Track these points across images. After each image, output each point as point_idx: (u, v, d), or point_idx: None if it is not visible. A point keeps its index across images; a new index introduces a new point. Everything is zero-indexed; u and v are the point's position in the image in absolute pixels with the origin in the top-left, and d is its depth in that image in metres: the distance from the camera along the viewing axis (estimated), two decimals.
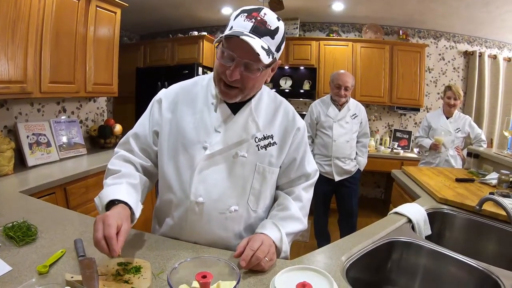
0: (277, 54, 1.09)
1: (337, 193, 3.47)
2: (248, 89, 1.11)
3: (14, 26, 2.16)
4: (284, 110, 1.28)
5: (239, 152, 1.18)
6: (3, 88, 2.15)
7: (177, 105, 1.24)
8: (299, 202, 1.29)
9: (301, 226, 1.27)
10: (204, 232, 1.21)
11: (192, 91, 1.26)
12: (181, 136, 1.20)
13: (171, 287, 0.76)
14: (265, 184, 1.24)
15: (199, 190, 1.17)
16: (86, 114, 3.46)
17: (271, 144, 1.23)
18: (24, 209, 1.60)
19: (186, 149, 1.19)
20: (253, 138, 1.19)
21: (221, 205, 1.18)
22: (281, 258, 1.16)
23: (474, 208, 1.70)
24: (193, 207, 1.17)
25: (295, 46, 5.11)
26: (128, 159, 1.26)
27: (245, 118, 1.19)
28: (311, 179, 1.34)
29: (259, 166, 1.21)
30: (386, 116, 5.36)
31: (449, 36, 5.08)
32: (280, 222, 1.19)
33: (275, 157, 1.24)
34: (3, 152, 2.25)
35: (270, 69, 1.16)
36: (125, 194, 1.09)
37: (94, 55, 3.00)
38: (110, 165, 1.24)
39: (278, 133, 1.24)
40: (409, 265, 1.46)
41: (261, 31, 1.02)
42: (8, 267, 1.01)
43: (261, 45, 1.00)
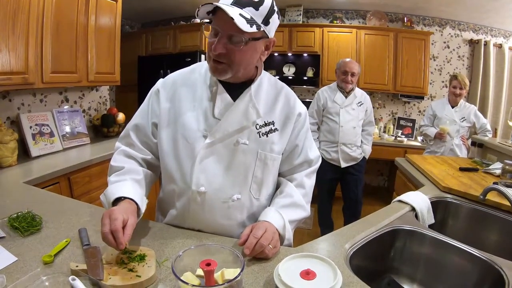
0: (265, 27, 1.05)
1: (342, 180, 3.50)
2: (236, 64, 1.07)
3: (14, 16, 2.14)
4: (285, 96, 1.26)
5: (240, 140, 1.16)
6: (5, 79, 2.14)
7: (175, 94, 1.23)
8: (302, 189, 1.28)
9: (304, 213, 1.27)
10: (207, 222, 1.21)
11: (190, 79, 1.24)
12: (180, 125, 1.19)
13: (176, 275, 0.76)
14: (267, 171, 1.23)
15: (200, 179, 1.16)
16: (89, 103, 3.46)
17: (272, 131, 1.21)
18: (29, 199, 1.60)
19: (186, 139, 1.17)
20: (254, 125, 1.18)
21: (223, 194, 1.18)
22: (284, 245, 1.16)
23: (478, 197, 1.70)
24: (195, 197, 1.17)
25: (298, 33, 5.05)
26: (129, 155, 1.26)
27: (245, 105, 1.17)
28: (314, 166, 1.34)
29: (260, 154, 1.19)
30: (390, 104, 5.33)
31: (454, 24, 5.01)
32: (282, 209, 1.19)
33: (276, 143, 1.22)
34: (7, 143, 2.26)
35: (264, 47, 1.12)
36: (130, 191, 1.10)
37: (96, 44, 2.99)
38: (112, 161, 1.24)
39: (279, 119, 1.23)
40: (412, 253, 1.46)
41: (243, 2, 1.00)
42: (14, 257, 1.02)
43: (240, 13, 0.97)
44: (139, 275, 0.89)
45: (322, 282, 0.85)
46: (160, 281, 0.92)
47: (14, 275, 0.92)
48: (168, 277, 0.93)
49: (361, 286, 0.95)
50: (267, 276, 0.96)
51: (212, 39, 1.05)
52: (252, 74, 1.20)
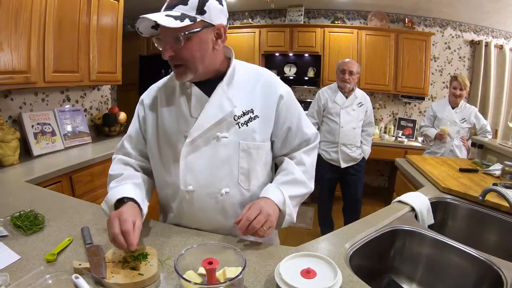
0: (202, 17, 1.06)
1: (342, 180, 3.51)
2: (190, 62, 1.10)
3: (17, 15, 2.15)
4: (263, 81, 1.25)
5: (220, 134, 1.17)
6: (7, 78, 2.15)
7: (157, 102, 1.26)
8: (302, 166, 1.29)
9: (306, 189, 1.27)
10: (202, 219, 1.23)
11: (170, 85, 1.27)
12: (163, 131, 1.22)
13: (178, 273, 0.77)
14: (253, 161, 1.22)
15: (187, 178, 1.18)
16: (90, 102, 3.47)
17: (252, 119, 1.20)
18: (31, 198, 1.61)
19: (169, 143, 1.21)
20: (231, 116, 1.18)
21: (211, 189, 1.19)
22: (285, 222, 1.19)
23: (477, 198, 1.70)
24: (185, 196, 1.19)
25: (299, 33, 5.04)
26: (126, 162, 1.30)
27: (219, 98, 1.17)
28: (312, 143, 1.34)
29: (242, 144, 1.19)
30: (391, 104, 5.33)
31: (455, 24, 5.01)
32: (283, 185, 1.21)
33: (258, 131, 1.21)
34: (8, 142, 2.27)
35: (214, 36, 1.12)
36: (132, 192, 1.13)
37: (98, 43, 3.00)
38: (111, 171, 1.27)
39: (260, 105, 1.22)
40: (411, 253, 1.47)
41: (172, 4, 1.06)
42: (17, 255, 1.02)
43: (167, 14, 1.02)
44: (142, 273, 0.90)
45: (322, 281, 0.85)
46: (163, 279, 0.93)
47: (17, 274, 0.92)
48: (171, 275, 0.94)
49: (360, 285, 0.95)
50: (268, 274, 0.97)
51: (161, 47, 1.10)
52: (223, 67, 1.21)
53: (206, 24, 1.07)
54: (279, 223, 1.19)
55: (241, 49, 5.21)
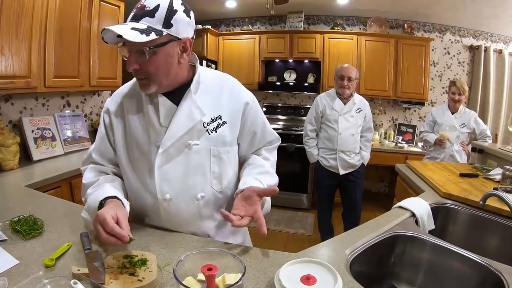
0: (168, 30, 1.04)
1: (341, 187, 3.49)
2: (154, 75, 1.08)
3: (18, 20, 2.17)
4: (229, 88, 1.27)
5: (191, 142, 1.17)
6: (8, 83, 2.16)
7: (123, 110, 1.25)
8: (268, 161, 1.37)
9: (275, 180, 1.33)
10: (181, 225, 1.25)
11: (136, 93, 1.25)
12: (134, 140, 1.21)
13: (177, 279, 0.77)
14: (223, 164, 1.24)
15: (163, 187, 1.18)
16: (91, 108, 3.48)
17: (221, 125, 1.22)
18: (30, 203, 1.61)
19: (142, 153, 1.20)
20: (201, 124, 1.18)
21: (188, 196, 1.20)
22: (265, 210, 1.23)
23: (478, 203, 1.70)
24: (162, 204, 1.20)
25: (299, 39, 5.07)
26: (99, 169, 1.29)
27: (188, 106, 1.17)
28: (274, 144, 1.45)
29: (213, 150, 1.21)
30: (391, 110, 5.34)
31: (455, 30, 5.04)
32: (259, 176, 1.26)
33: (228, 136, 1.24)
34: (9, 147, 2.27)
35: (179, 49, 1.10)
36: (111, 191, 1.13)
37: (98, 49, 3.01)
38: (84, 180, 1.24)
39: (227, 111, 1.23)
40: (412, 259, 1.46)
41: (139, 15, 1.03)
42: (15, 260, 1.02)
43: (133, 27, 0.99)
44: (141, 279, 0.89)
45: (322, 287, 0.85)
46: (161, 285, 0.93)
47: (16, 278, 0.92)
48: (170, 281, 0.93)
49: None
50: (268, 281, 0.96)
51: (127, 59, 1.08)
52: (188, 75, 1.21)
53: (172, 38, 1.06)
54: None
55: (241, 55, 5.23)
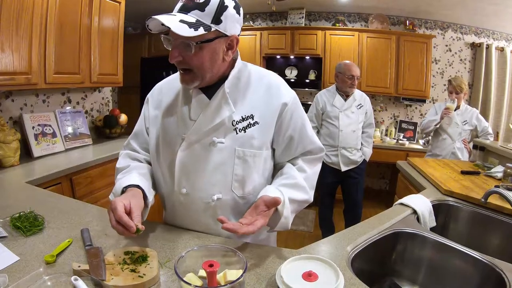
0: (217, 26, 1.01)
1: (343, 183, 3.48)
2: (197, 69, 1.06)
3: (18, 17, 2.16)
4: (266, 85, 1.20)
5: (216, 139, 1.14)
6: (8, 79, 2.16)
7: (161, 102, 1.26)
8: (303, 172, 1.23)
9: (306, 196, 1.22)
10: (193, 222, 1.24)
11: (175, 86, 1.24)
12: (164, 132, 1.22)
13: (178, 276, 0.76)
14: (249, 168, 1.18)
15: (182, 181, 1.18)
16: (91, 104, 3.47)
17: (251, 125, 1.16)
18: (31, 199, 1.61)
19: (168, 144, 1.20)
20: (230, 121, 1.14)
21: (204, 194, 1.17)
22: (280, 225, 1.13)
23: (479, 200, 1.70)
24: (179, 198, 1.20)
25: (300, 35, 5.05)
26: (133, 157, 1.32)
27: (218, 102, 1.13)
28: (315, 155, 1.28)
29: (238, 151, 1.15)
30: (392, 107, 5.33)
31: (456, 27, 5.01)
32: (283, 187, 1.15)
33: (257, 138, 1.16)
34: (9, 143, 2.27)
35: (225, 46, 1.08)
36: (135, 180, 1.14)
37: (99, 45, 3.00)
38: (118, 165, 1.29)
39: (260, 111, 1.17)
40: (413, 256, 1.46)
41: (188, 7, 1.00)
42: (16, 257, 1.02)
43: (181, 19, 0.97)
44: (141, 275, 0.89)
45: (324, 283, 0.85)
46: (162, 282, 0.93)
47: (16, 275, 0.92)
48: (171, 278, 0.93)
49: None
50: (269, 277, 0.96)
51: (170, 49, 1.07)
52: (227, 70, 1.16)
53: (220, 34, 1.03)
54: (272, 224, 1.13)
55: (242, 51, 5.22)
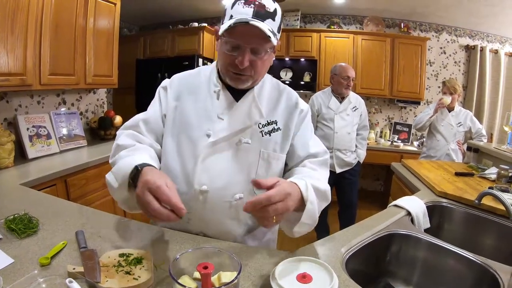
0: (278, 35, 1.09)
1: (337, 185, 3.50)
2: (257, 74, 1.11)
3: (13, 17, 2.15)
4: (287, 96, 1.27)
5: (243, 139, 1.17)
6: (3, 80, 2.15)
7: (181, 94, 1.24)
8: (315, 171, 1.19)
9: (326, 186, 1.14)
10: (210, 221, 1.20)
11: (196, 80, 1.26)
12: (184, 124, 1.20)
13: (173, 277, 0.76)
14: (271, 171, 1.21)
15: (202, 178, 1.15)
16: (86, 105, 3.46)
17: (275, 130, 1.22)
18: (25, 201, 1.60)
19: (189, 138, 1.18)
20: (256, 124, 1.19)
21: (225, 193, 1.17)
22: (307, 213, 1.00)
23: (473, 202, 1.71)
24: (197, 196, 1.16)
25: (295, 37, 5.09)
26: (138, 139, 1.20)
27: (248, 105, 1.18)
28: (320, 157, 1.25)
29: (263, 153, 1.19)
30: (387, 109, 5.36)
31: (451, 29, 5.06)
32: (303, 176, 1.09)
33: (279, 143, 1.22)
34: (3, 145, 2.26)
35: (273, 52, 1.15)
36: (149, 161, 1.02)
37: (94, 46, 3.00)
38: (120, 141, 1.17)
39: (282, 118, 1.23)
40: (408, 257, 1.47)
41: (262, 14, 1.02)
42: (10, 259, 1.01)
43: (268, 28, 1.01)
44: (136, 278, 0.89)
45: (318, 285, 0.85)
46: (157, 284, 0.92)
47: (11, 277, 0.91)
48: (166, 280, 0.93)
49: None
50: (264, 279, 0.96)
51: (230, 53, 1.06)
52: None
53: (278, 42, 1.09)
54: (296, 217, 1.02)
55: None
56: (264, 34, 0.99)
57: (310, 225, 1.05)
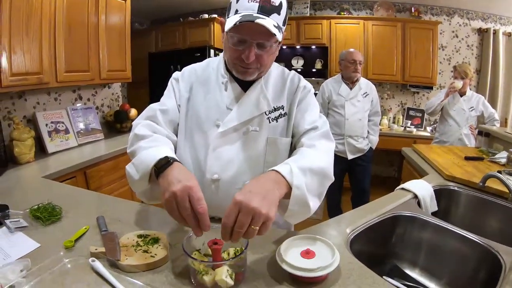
0: (283, 28, 1.09)
1: (350, 171, 3.53)
2: (263, 66, 1.13)
3: (27, 20, 2.22)
4: (290, 80, 1.29)
5: (251, 127, 1.20)
6: (21, 79, 2.22)
7: (193, 86, 1.28)
8: (313, 147, 1.15)
9: (323, 162, 1.09)
10: (223, 209, 1.18)
11: (205, 72, 1.30)
12: (195, 115, 1.24)
13: (186, 253, 0.83)
14: (279, 155, 1.23)
15: (214, 167, 1.19)
16: (102, 100, 3.56)
17: (282, 115, 1.24)
18: (48, 192, 1.68)
19: (200, 128, 1.22)
20: (264, 112, 1.22)
21: (236, 180, 1.20)
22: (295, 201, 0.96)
23: (477, 184, 1.73)
24: (209, 184, 1.20)
25: (306, 25, 5.08)
26: (155, 130, 1.19)
27: (257, 95, 1.21)
28: (319, 130, 1.21)
29: (270, 139, 1.22)
30: (399, 94, 5.32)
31: (463, 13, 4.97)
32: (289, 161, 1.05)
33: (285, 128, 1.25)
34: (24, 141, 2.35)
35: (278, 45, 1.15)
36: (171, 153, 1.03)
37: (107, 42, 3.07)
38: (137, 131, 1.16)
39: (287, 102, 1.26)
40: (413, 239, 1.50)
41: (267, 9, 1.02)
42: (37, 243, 1.09)
43: (273, 24, 1.01)
44: (153, 255, 0.97)
45: (320, 260, 0.91)
46: (172, 261, 0.99)
47: (38, 259, 0.97)
48: (180, 257, 1.00)
49: (359, 267, 1.00)
50: (271, 255, 1.02)
51: (236, 47, 1.08)
52: None
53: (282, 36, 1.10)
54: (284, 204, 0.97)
55: None
56: (269, 31, 0.99)
57: (302, 213, 1.01)
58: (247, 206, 0.82)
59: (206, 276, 0.83)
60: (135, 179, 1.03)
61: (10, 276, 0.85)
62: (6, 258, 1.01)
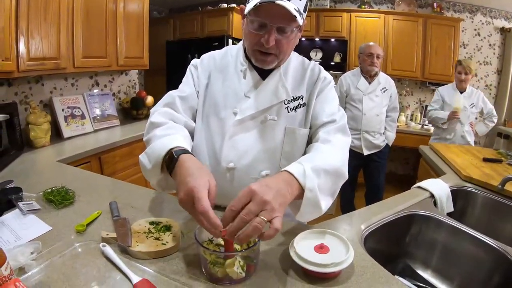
0: (304, 15, 1.07)
1: (365, 167, 3.50)
2: (283, 53, 1.11)
3: (46, 5, 2.22)
4: (311, 70, 1.26)
5: (269, 116, 1.18)
6: (39, 64, 2.23)
7: (211, 73, 1.27)
8: (328, 143, 1.13)
9: (337, 161, 1.06)
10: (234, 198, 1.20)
11: (224, 60, 1.29)
12: (213, 102, 1.23)
13: (198, 242, 0.82)
14: (296, 146, 1.21)
15: (230, 155, 1.18)
16: (118, 86, 3.57)
17: (301, 106, 1.22)
18: (62, 176, 1.69)
19: (217, 116, 1.21)
20: (282, 101, 1.20)
21: (252, 170, 1.18)
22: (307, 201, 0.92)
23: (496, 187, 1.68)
24: (224, 172, 1.18)
25: (325, 18, 5.01)
26: (173, 117, 1.19)
27: (275, 83, 1.19)
28: (335, 124, 1.18)
29: (288, 129, 1.20)
30: (418, 91, 5.22)
31: (486, 11, 4.82)
32: (302, 160, 1.01)
33: (304, 118, 1.22)
34: (40, 125, 2.38)
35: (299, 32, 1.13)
36: (183, 142, 1.02)
37: (125, 30, 3.07)
38: (153, 119, 1.16)
39: (307, 93, 1.24)
40: (427, 239, 1.47)
41: None
42: (48, 227, 1.10)
43: (294, 7, 0.99)
44: (164, 243, 0.96)
45: (334, 256, 0.89)
46: (183, 249, 0.98)
47: (49, 242, 0.98)
48: (191, 246, 0.99)
49: (372, 264, 0.98)
50: (284, 248, 1.01)
51: (256, 32, 1.06)
52: None
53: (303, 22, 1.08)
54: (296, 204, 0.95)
55: None
56: (290, 14, 0.98)
57: (313, 213, 0.98)
58: (261, 197, 0.78)
59: (217, 266, 0.82)
60: (148, 168, 1.02)
61: (20, 258, 0.85)
62: (17, 240, 1.02)
